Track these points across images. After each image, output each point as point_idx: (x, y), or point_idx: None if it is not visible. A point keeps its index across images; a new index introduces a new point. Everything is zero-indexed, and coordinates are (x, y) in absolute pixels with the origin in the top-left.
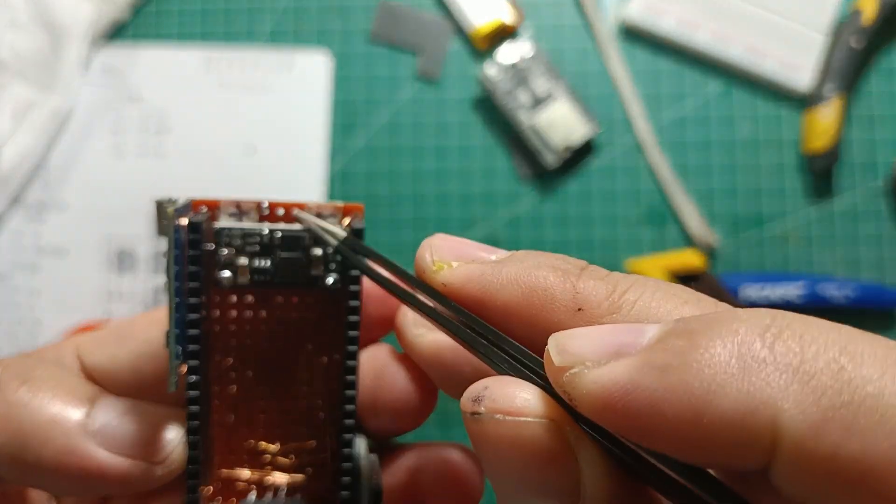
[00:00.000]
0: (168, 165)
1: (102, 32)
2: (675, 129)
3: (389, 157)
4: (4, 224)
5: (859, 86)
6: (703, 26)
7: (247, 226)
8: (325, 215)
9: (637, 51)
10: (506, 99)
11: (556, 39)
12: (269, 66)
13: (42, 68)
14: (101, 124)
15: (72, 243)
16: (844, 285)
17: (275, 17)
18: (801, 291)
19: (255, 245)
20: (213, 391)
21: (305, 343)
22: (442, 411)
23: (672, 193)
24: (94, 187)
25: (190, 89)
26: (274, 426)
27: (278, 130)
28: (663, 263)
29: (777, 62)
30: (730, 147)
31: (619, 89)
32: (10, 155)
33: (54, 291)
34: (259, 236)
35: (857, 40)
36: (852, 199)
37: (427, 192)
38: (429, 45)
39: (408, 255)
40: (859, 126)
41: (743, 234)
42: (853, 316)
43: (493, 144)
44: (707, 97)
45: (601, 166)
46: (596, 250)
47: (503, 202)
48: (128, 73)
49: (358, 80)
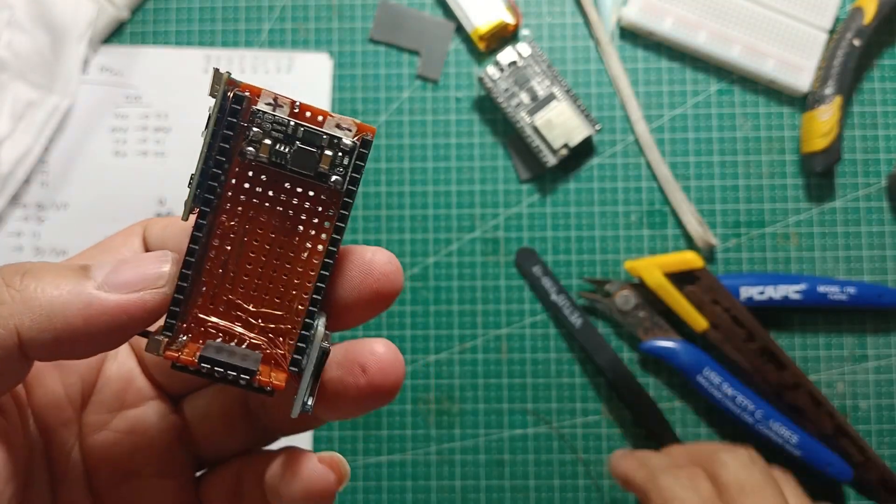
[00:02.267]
0: (168, 165)
1: (102, 32)
2: (675, 128)
3: (389, 157)
4: (3, 224)
5: (860, 85)
6: (702, 26)
7: (279, 114)
8: (343, 126)
9: (637, 51)
10: (506, 99)
11: (556, 39)
12: (268, 66)
13: (42, 68)
14: (100, 124)
15: (71, 243)
16: (844, 285)
17: (275, 17)
18: (801, 291)
19: (281, 133)
20: (211, 244)
21: (298, 226)
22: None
23: (671, 193)
24: (93, 187)
25: (190, 89)
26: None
27: None
28: (662, 263)
29: (777, 62)
30: (730, 147)
31: (618, 89)
32: (9, 155)
33: None
34: (285, 126)
35: (859, 39)
36: (852, 199)
37: (427, 191)
38: (429, 45)
39: (407, 256)
40: (860, 125)
41: (743, 234)
42: (853, 316)
43: (493, 144)
44: (707, 97)
45: (601, 166)
46: (596, 250)
47: (503, 202)
48: (128, 73)
49: (358, 80)
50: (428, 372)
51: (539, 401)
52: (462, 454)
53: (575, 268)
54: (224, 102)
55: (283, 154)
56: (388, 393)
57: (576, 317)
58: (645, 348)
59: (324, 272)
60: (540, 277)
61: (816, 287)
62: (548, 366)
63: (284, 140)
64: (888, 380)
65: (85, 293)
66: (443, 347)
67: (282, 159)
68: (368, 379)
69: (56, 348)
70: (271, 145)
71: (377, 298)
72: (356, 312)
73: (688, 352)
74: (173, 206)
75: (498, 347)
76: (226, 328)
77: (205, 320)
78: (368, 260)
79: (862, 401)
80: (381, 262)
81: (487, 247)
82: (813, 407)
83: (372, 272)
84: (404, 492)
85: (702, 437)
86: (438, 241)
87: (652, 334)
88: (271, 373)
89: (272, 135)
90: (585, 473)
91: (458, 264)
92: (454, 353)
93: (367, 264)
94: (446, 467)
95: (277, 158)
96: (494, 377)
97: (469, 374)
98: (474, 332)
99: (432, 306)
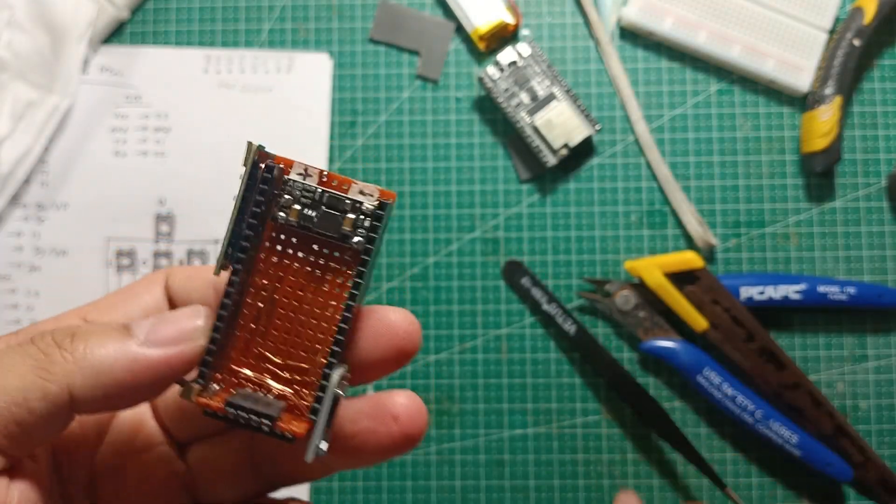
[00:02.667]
0: (168, 165)
1: (102, 32)
2: (675, 128)
3: (389, 157)
4: (3, 224)
5: (860, 85)
6: (702, 26)
7: (308, 183)
8: (366, 192)
9: (637, 51)
10: (506, 99)
11: (556, 39)
12: (268, 66)
13: (42, 68)
14: (100, 124)
15: (71, 243)
16: (844, 285)
17: (275, 17)
18: (801, 291)
19: (309, 199)
20: (245, 300)
21: (323, 284)
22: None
23: (671, 193)
24: (93, 187)
25: (190, 89)
26: (283, 343)
27: (278, 130)
28: (662, 263)
29: (777, 62)
30: (730, 147)
31: (618, 89)
32: (9, 155)
33: (53, 291)
34: (313, 193)
35: (859, 39)
36: (852, 199)
37: (427, 191)
38: (429, 45)
39: (406, 257)
40: (860, 125)
41: (743, 234)
42: (853, 316)
43: (493, 144)
44: (707, 97)
45: (601, 166)
46: (595, 250)
47: (503, 202)
48: (128, 73)
49: (358, 80)
50: (428, 372)
51: (539, 401)
52: (462, 454)
53: (575, 268)
54: (254, 171)
55: (310, 217)
56: (417, 438)
57: (569, 324)
58: (645, 348)
59: (343, 325)
60: (529, 289)
61: (816, 287)
62: (548, 366)
63: (312, 205)
64: (888, 380)
65: (130, 351)
66: (443, 347)
67: (309, 222)
68: (401, 427)
69: (104, 403)
70: (300, 210)
71: (399, 355)
72: (379, 367)
73: (688, 352)
74: (173, 206)
75: (498, 347)
76: (256, 379)
77: (237, 372)
78: (392, 320)
79: (862, 401)
80: (403, 322)
81: (487, 247)
82: (813, 407)
83: (396, 331)
84: (404, 492)
85: (702, 437)
86: (438, 241)
87: (652, 334)
88: (293, 420)
89: (301, 201)
90: (585, 474)
91: (458, 264)
92: (454, 353)
93: (390, 324)
94: (446, 467)
95: (305, 221)
96: (494, 377)
97: (469, 374)
98: (474, 332)
99: (432, 306)
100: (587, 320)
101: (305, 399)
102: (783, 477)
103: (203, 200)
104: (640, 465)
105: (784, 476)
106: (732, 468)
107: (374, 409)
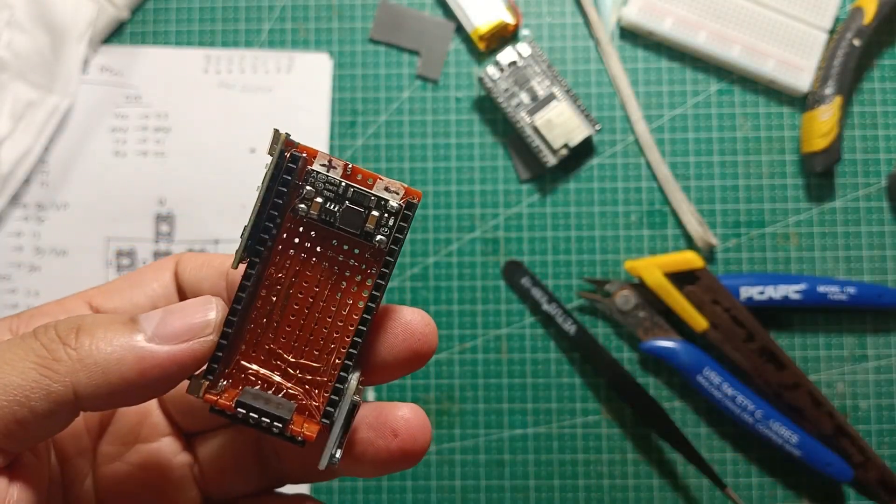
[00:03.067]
0: (168, 165)
1: (102, 32)
2: (675, 128)
3: (389, 157)
4: (3, 224)
5: (860, 85)
6: (702, 26)
7: (332, 175)
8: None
9: (637, 51)
10: (506, 99)
11: (556, 39)
12: (268, 66)
13: (42, 68)
14: (100, 124)
15: (71, 243)
16: (844, 285)
17: (275, 17)
18: (801, 291)
19: (332, 192)
20: (259, 294)
21: (342, 282)
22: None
23: (671, 193)
24: (93, 187)
25: (190, 89)
26: (295, 341)
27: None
28: (663, 263)
29: (777, 62)
30: (730, 147)
31: (618, 89)
32: (9, 155)
33: (53, 291)
34: (337, 186)
35: (859, 39)
36: (852, 199)
37: (427, 191)
38: (429, 45)
39: (406, 257)
40: (860, 125)
41: (743, 234)
42: (853, 316)
43: (493, 144)
44: (707, 97)
45: (601, 166)
46: (595, 250)
47: (503, 202)
48: (128, 73)
49: (358, 80)
50: (428, 372)
51: (539, 401)
52: (462, 454)
53: (575, 268)
54: (281, 161)
55: (332, 212)
56: (415, 457)
57: (569, 324)
58: (645, 348)
59: (361, 327)
60: (529, 289)
61: (816, 287)
62: (548, 366)
63: (335, 199)
64: (888, 380)
65: (137, 347)
66: (443, 347)
67: (331, 217)
68: (399, 443)
69: (110, 401)
70: (322, 203)
71: (415, 358)
72: (392, 370)
73: (688, 352)
74: (173, 206)
75: (498, 347)
76: (265, 376)
77: (246, 367)
78: (408, 321)
79: (862, 401)
80: (420, 324)
81: (487, 247)
82: (813, 407)
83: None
84: (404, 492)
85: (702, 437)
86: (438, 241)
87: (652, 334)
88: (304, 423)
89: (324, 194)
90: (585, 474)
91: (458, 264)
92: (454, 353)
93: (406, 325)
94: (446, 467)
95: (327, 216)
96: (494, 377)
97: (469, 374)
98: (474, 332)
99: (432, 306)
100: (587, 320)
101: (315, 399)
102: (783, 477)
103: (203, 200)
104: (640, 465)
105: (784, 476)
106: (732, 468)
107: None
